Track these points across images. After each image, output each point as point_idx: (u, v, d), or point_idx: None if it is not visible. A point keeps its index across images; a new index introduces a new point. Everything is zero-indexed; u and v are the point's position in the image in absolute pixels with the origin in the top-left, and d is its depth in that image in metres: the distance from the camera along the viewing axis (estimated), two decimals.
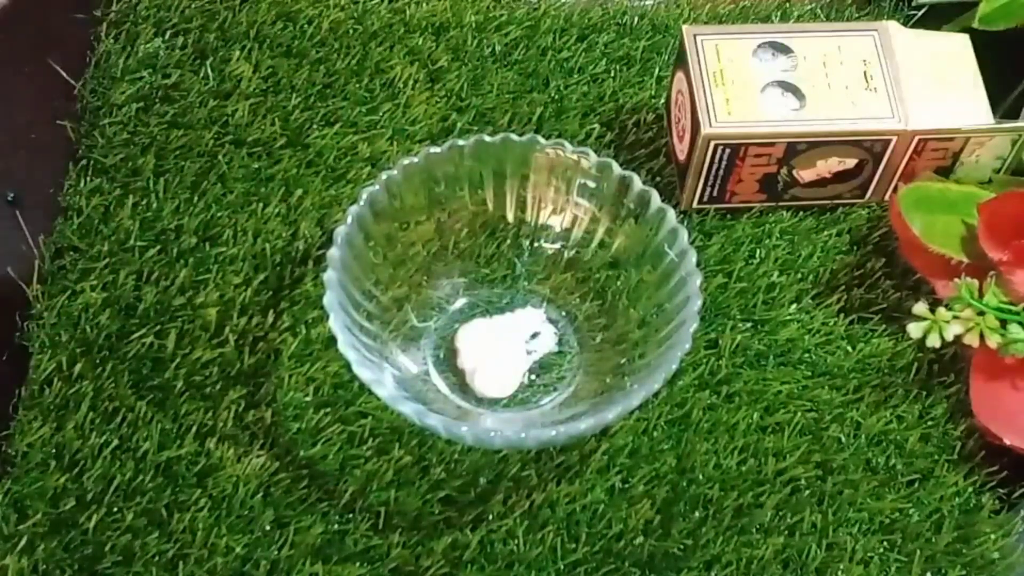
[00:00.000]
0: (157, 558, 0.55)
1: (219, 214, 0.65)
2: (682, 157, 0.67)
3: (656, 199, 0.60)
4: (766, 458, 0.60)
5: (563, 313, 0.64)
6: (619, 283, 0.63)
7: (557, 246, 0.64)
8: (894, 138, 0.65)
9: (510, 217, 0.64)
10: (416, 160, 0.60)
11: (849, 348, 0.64)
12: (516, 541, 0.57)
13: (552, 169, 0.62)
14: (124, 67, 0.70)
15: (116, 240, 0.64)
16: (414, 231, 0.62)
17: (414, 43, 0.73)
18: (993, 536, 0.60)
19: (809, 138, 0.64)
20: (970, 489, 0.61)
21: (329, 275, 0.56)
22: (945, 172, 0.67)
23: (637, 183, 0.61)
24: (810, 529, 0.59)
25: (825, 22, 0.76)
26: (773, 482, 0.60)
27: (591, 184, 0.62)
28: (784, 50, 0.66)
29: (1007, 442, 0.60)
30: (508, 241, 0.64)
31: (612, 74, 0.73)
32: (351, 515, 0.57)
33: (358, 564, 0.56)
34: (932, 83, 0.66)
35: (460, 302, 0.64)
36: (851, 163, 0.66)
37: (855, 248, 0.68)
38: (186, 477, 0.57)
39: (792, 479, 0.60)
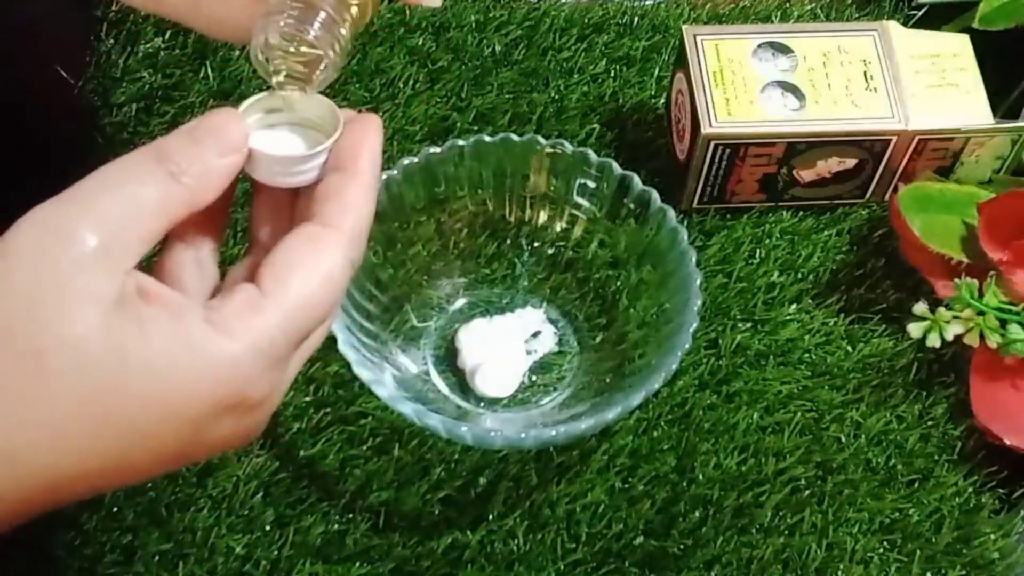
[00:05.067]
0: (157, 558, 0.55)
1: None
2: (682, 157, 0.67)
3: (656, 199, 0.60)
4: (766, 458, 0.60)
5: (563, 313, 0.64)
6: (619, 283, 0.63)
7: (557, 246, 0.64)
8: (894, 138, 0.65)
9: (510, 217, 0.64)
10: (416, 160, 0.60)
11: (849, 348, 0.64)
12: (516, 541, 0.57)
13: (552, 169, 0.62)
14: (124, 67, 0.70)
15: None
16: (414, 231, 0.62)
17: (414, 43, 0.73)
18: (993, 536, 0.60)
19: (809, 138, 0.64)
20: (970, 489, 0.61)
21: None
22: (945, 172, 0.67)
23: (637, 183, 0.61)
24: (810, 529, 0.59)
25: (825, 22, 0.76)
26: (773, 482, 0.60)
27: (591, 184, 0.62)
28: (784, 50, 0.66)
29: (1007, 442, 0.60)
30: (508, 241, 0.64)
31: (612, 74, 0.73)
32: (351, 515, 0.57)
33: (358, 564, 0.56)
34: (932, 83, 0.66)
35: (460, 302, 0.64)
36: (851, 163, 0.66)
37: (855, 248, 0.68)
38: (186, 477, 0.57)
39: (792, 479, 0.60)
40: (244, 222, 0.64)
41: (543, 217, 0.64)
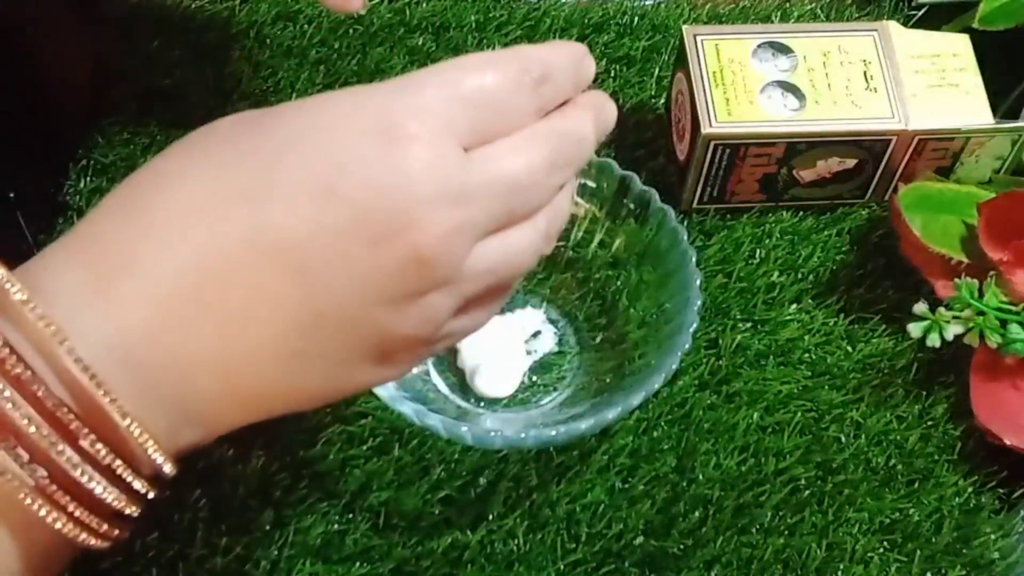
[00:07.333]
0: (157, 558, 0.55)
1: None
2: (682, 157, 0.67)
3: (656, 199, 0.60)
4: (766, 458, 0.60)
5: (563, 313, 0.64)
6: (619, 283, 0.63)
7: (557, 246, 0.64)
8: (894, 138, 0.65)
9: None
10: None
11: (849, 348, 0.64)
12: (516, 541, 0.57)
13: None
14: (124, 67, 0.70)
15: None
16: None
17: (414, 43, 0.73)
18: (993, 536, 0.60)
19: (809, 138, 0.64)
20: (970, 489, 0.61)
21: None
22: (945, 172, 0.67)
23: (637, 183, 0.61)
24: (810, 529, 0.59)
25: (825, 22, 0.76)
26: (773, 482, 0.60)
27: (591, 184, 0.62)
28: (784, 50, 0.66)
29: (1007, 442, 0.60)
30: None
31: (612, 74, 0.73)
32: (351, 515, 0.57)
33: (358, 564, 0.56)
34: (932, 83, 0.66)
35: None
36: (851, 163, 0.66)
37: (855, 248, 0.68)
38: (186, 477, 0.57)
39: (792, 479, 0.60)
40: None
41: None
